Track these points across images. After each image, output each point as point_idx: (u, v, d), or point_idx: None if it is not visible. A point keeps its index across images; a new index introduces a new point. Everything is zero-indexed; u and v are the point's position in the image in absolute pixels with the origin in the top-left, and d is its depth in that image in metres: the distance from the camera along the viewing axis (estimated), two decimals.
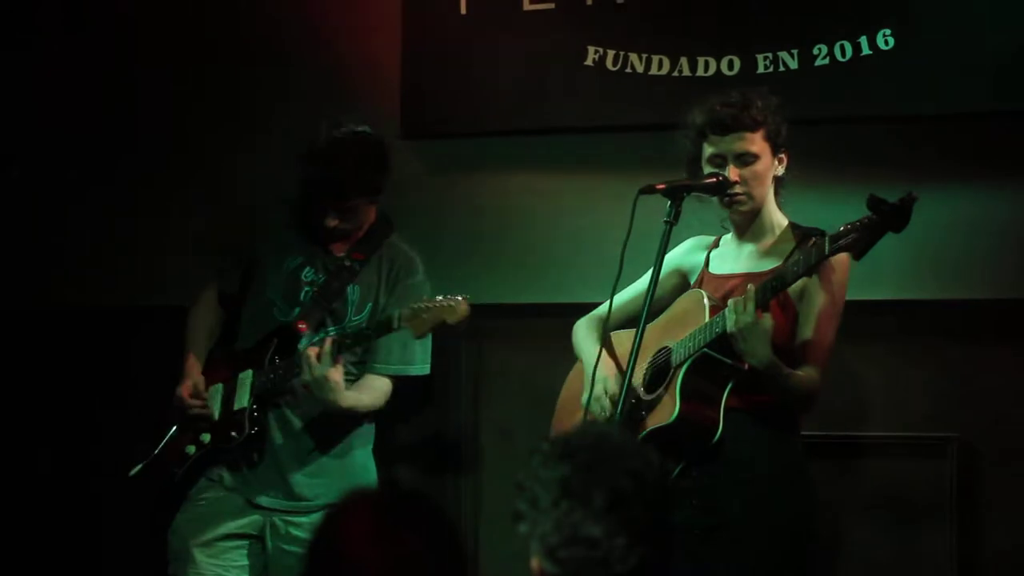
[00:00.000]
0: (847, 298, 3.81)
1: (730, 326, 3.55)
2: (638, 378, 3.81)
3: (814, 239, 3.55)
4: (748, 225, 3.86)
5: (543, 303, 4.87)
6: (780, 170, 3.84)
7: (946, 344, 4.62)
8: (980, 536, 4.58)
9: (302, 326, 4.23)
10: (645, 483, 2.09)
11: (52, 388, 5.25)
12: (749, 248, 3.87)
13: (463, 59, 4.93)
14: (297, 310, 4.29)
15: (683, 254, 4.03)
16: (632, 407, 3.76)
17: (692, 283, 3.95)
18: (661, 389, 3.74)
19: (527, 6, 4.88)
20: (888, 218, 3.38)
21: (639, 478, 2.08)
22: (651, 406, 3.75)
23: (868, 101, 4.58)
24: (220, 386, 4.30)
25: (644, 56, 4.75)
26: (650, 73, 4.75)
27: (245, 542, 4.25)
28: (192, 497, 4.30)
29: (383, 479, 4.45)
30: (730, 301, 3.58)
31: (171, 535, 4.29)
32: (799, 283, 3.65)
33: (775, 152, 3.81)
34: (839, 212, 4.38)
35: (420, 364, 4.35)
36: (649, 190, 3.74)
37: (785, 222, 3.86)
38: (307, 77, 5.10)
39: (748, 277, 3.78)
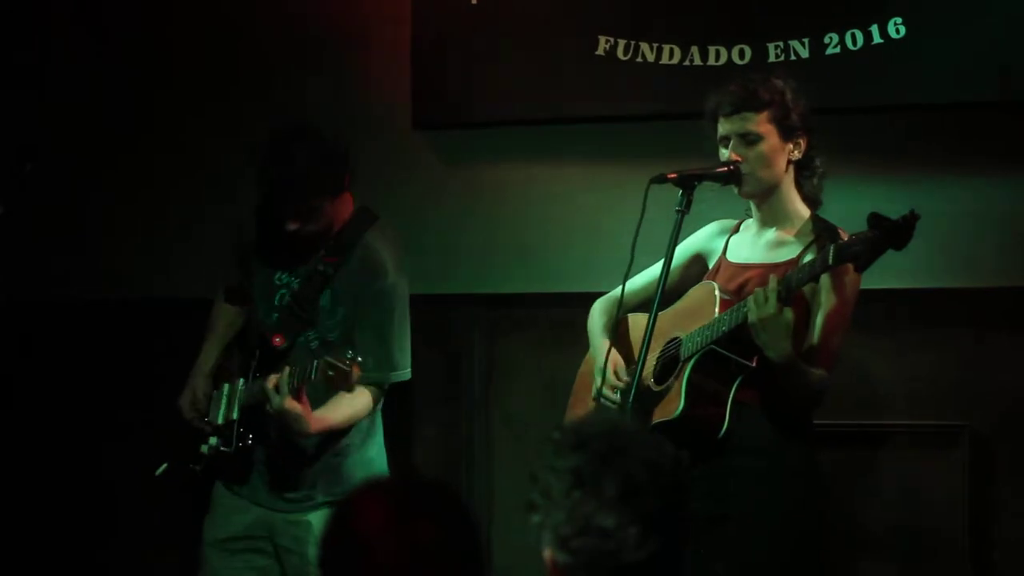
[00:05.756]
0: (860, 287, 3.80)
1: (752, 318, 3.54)
2: (649, 368, 3.81)
3: (827, 244, 3.53)
4: (766, 211, 3.84)
5: (554, 292, 4.87)
6: (796, 154, 3.81)
7: (958, 333, 4.62)
8: (992, 524, 4.59)
9: (277, 340, 4.11)
10: (658, 473, 2.09)
11: (72, 381, 5.26)
12: (767, 236, 3.85)
13: (473, 49, 4.93)
14: (275, 316, 4.17)
15: (705, 239, 4.01)
16: (642, 398, 3.76)
17: (710, 268, 3.94)
18: (669, 382, 3.74)
19: None
20: (890, 235, 3.39)
21: (652, 468, 2.09)
22: (658, 399, 3.75)
23: (879, 90, 4.58)
24: (226, 387, 4.23)
25: (655, 45, 4.75)
26: (661, 62, 4.75)
27: (257, 543, 4.20)
28: (212, 499, 4.27)
29: (396, 469, 4.44)
30: (752, 295, 3.57)
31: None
32: (810, 285, 3.67)
33: (785, 134, 3.78)
34: (850, 202, 4.40)
35: (402, 370, 4.18)
36: (660, 179, 3.74)
37: (807, 212, 3.83)
38: (316, 70, 5.10)
39: (764, 268, 3.76)
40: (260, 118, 5.09)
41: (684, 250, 3.93)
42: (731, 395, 3.67)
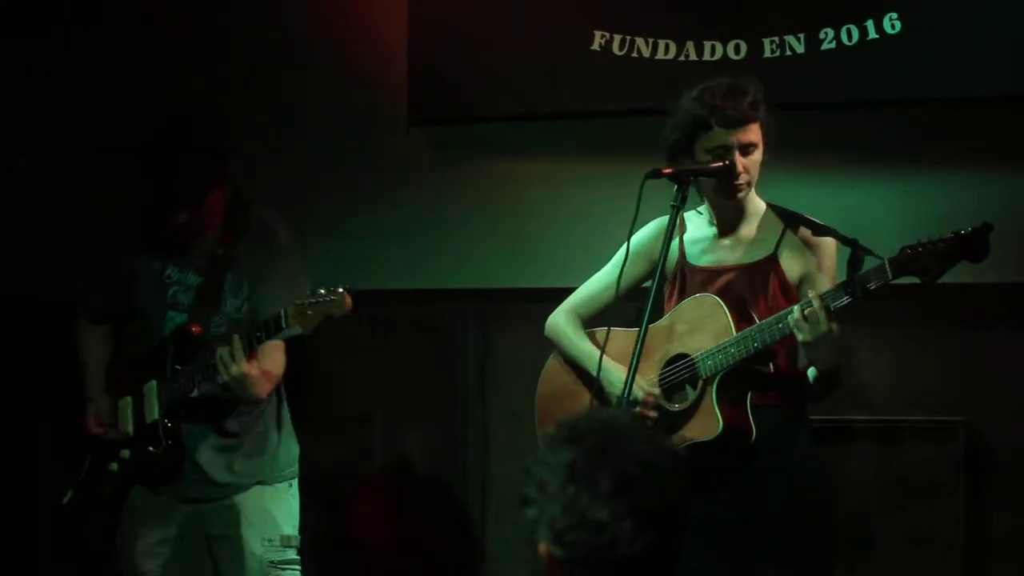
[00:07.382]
0: None
1: (806, 338, 3.54)
2: (653, 384, 3.79)
3: (881, 259, 3.51)
4: (731, 211, 3.85)
5: (549, 288, 4.86)
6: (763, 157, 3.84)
7: (954, 328, 4.62)
8: (987, 518, 4.59)
9: (195, 329, 4.10)
10: (652, 467, 2.09)
11: (71, 380, 5.25)
12: (732, 236, 3.85)
13: (469, 45, 4.93)
14: (170, 313, 4.17)
15: (651, 239, 3.94)
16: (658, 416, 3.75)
17: (669, 273, 3.90)
18: (691, 401, 3.73)
19: None
20: (964, 247, 3.41)
21: (646, 462, 2.09)
22: (682, 418, 3.74)
23: (874, 85, 4.58)
24: (129, 399, 4.19)
25: (650, 41, 4.75)
26: (656, 58, 4.75)
27: (186, 540, 4.19)
28: (126, 508, 4.23)
29: (390, 464, 4.42)
30: (803, 315, 3.54)
31: (116, 552, 4.25)
32: (798, 276, 3.71)
33: (766, 140, 3.80)
34: (845, 198, 4.40)
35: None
36: (656, 174, 3.72)
37: (763, 206, 3.85)
38: (314, 66, 5.10)
39: (741, 268, 3.77)
40: (259, 117, 5.12)
41: (630, 251, 3.89)
42: (748, 401, 3.69)
